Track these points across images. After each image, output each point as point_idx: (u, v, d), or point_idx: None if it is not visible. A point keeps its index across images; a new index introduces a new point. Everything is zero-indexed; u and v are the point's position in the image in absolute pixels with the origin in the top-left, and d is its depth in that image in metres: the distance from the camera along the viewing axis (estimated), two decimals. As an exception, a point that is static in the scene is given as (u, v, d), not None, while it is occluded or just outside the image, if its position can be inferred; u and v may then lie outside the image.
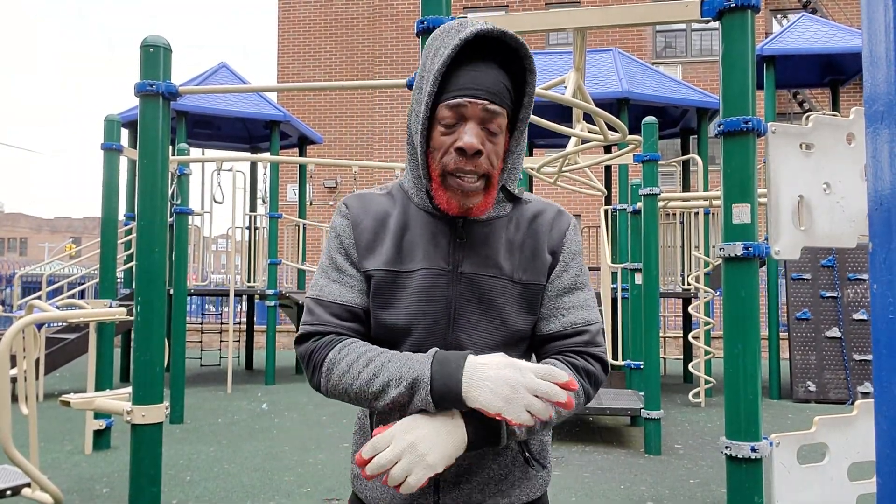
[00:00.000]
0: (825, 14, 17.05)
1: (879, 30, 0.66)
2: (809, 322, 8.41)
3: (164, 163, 3.17)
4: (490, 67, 1.17)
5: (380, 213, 1.27)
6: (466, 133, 1.15)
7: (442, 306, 1.20)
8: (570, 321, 1.24)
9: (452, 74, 1.16)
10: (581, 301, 1.26)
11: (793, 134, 2.45)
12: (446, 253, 1.22)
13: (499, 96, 1.16)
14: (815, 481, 2.35)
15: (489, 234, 1.23)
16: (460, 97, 1.15)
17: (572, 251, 1.28)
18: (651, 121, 5.78)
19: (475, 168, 1.16)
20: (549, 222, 1.27)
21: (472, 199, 1.18)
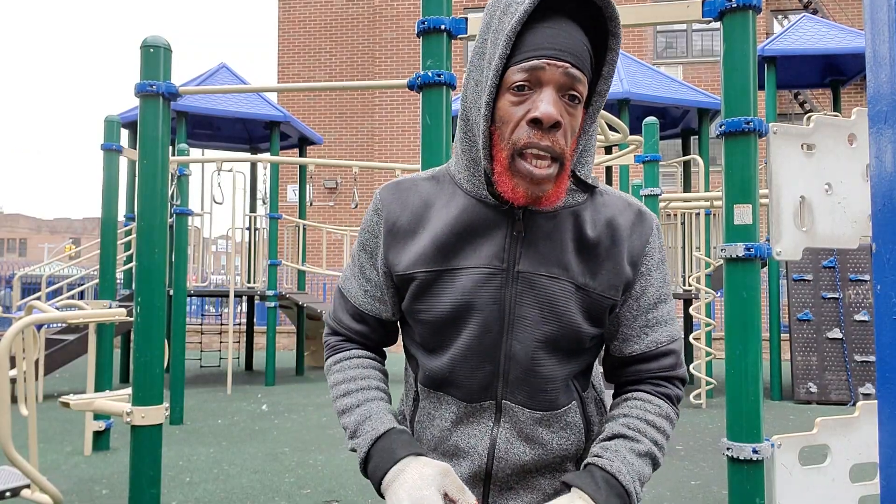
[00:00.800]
0: (826, 14, 17.05)
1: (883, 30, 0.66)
2: (811, 323, 8.40)
3: (164, 163, 3.16)
4: (571, 26, 0.99)
5: (419, 205, 1.12)
6: (543, 100, 0.97)
7: (494, 310, 1.06)
8: (656, 340, 1.12)
9: (524, 35, 0.99)
10: (665, 315, 1.13)
11: (794, 134, 2.44)
12: (500, 249, 1.06)
13: (581, 59, 0.99)
14: (816, 483, 2.34)
15: (555, 229, 1.06)
16: (537, 58, 0.97)
17: (656, 260, 1.12)
18: (652, 121, 5.78)
19: (551, 144, 0.98)
20: (629, 224, 1.10)
21: (543, 186, 1.00)
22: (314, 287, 15.03)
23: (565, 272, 1.06)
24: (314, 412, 7.28)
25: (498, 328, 1.06)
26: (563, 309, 1.06)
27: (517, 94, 0.99)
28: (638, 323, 1.12)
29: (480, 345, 1.07)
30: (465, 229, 1.08)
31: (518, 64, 0.98)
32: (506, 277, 1.06)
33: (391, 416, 1.13)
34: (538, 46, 0.97)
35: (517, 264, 1.06)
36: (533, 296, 1.05)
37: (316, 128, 17.70)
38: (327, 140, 17.56)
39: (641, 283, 1.11)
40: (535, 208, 1.05)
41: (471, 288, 1.06)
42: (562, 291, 1.06)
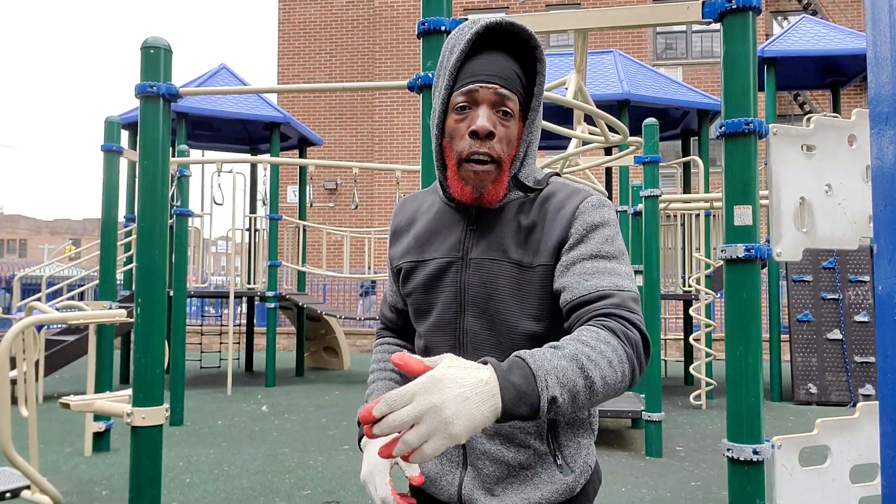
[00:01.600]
0: (826, 16, 17.06)
1: (884, 31, 0.66)
2: (811, 324, 8.40)
3: (164, 164, 3.16)
4: (500, 56, 1.22)
5: (413, 211, 1.39)
6: (479, 116, 1.19)
7: (451, 292, 1.26)
8: (596, 285, 1.13)
9: (465, 66, 1.21)
10: (609, 269, 1.16)
11: (794, 136, 2.44)
12: (458, 241, 1.27)
13: (509, 81, 1.21)
14: (816, 484, 2.34)
15: (499, 220, 1.25)
16: (472, 83, 1.20)
17: (588, 222, 1.19)
18: (652, 122, 5.78)
19: (488, 150, 1.19)
20: (560, 201, 1.23)
21: (484, 183, 1.20)
22: (314, 288, 15.03)
23: (504, 254, 1.22)
24: (314, 413, 7.27)
25: (456, 307, 1.26)
26: (504, 287, 1.22)
27: (460, 112, 1.21)
28: (575, 270, 1.16)
29: (442, 321, 1.27)
30: (436, 227, 1.31)
31: (459, 89, 1.21)
32: (461, 264, 1.26)
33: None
34: (473, 73, 1.20)
35: (470, 252, 1.25)
36: (480, 277, 1.23)
37: (316, 129, 17.70)
38: (327, 141, 17.56)
39: (573, 240, 1.19)
40: (484, 206, 1.24)
41: (436, 274, 1.28)
42: (504, 272, 1.22)
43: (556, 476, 1.21)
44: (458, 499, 1.24)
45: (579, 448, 1.24)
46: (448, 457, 1.27)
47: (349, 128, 18.46)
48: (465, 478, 1.24)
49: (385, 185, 17.58)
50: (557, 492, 1.20)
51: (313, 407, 7.66)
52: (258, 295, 9.68)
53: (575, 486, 1.22)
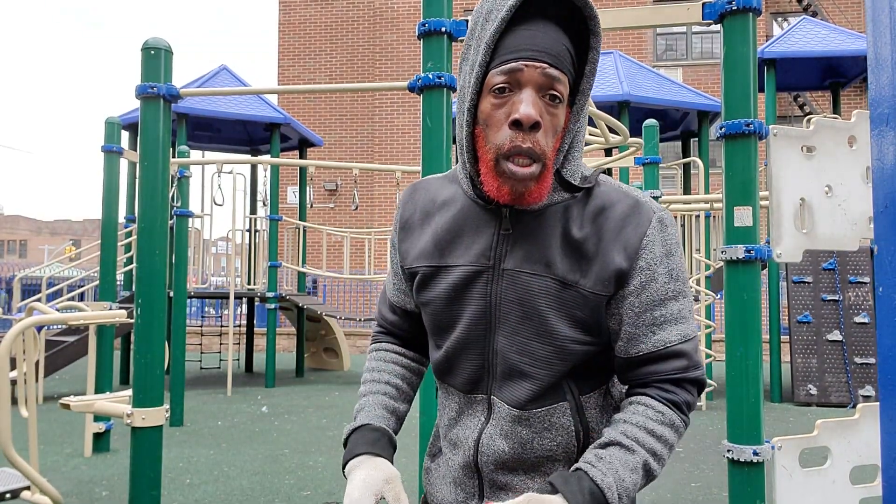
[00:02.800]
0: (825, 17, 17.06)
1: (885, 33, 0.66)
2: (811, 325, 8.40)
3: (164, 165, 3.16)
4: (550, 27, 1.01)
5: (427, 203, 1.19)
6: (523, 102, 0.99)
7: (481, 307, 1.09)
8: (665, 339, 1.05)
9: (505, 38, 1.01)
10: (675, 313, 1.06)
11: (794, 137, 2.45)
12: (488, 247, 1.09)
13: (560, 59, 1.01)
14: (817, 485, 2.34)
15: (540, 226, 1.07)
16: (515, 60, 0.99)
17: (657, 254, 1.05)
18: (652, 123, 5.78)
19: (532, 146, 1.00)
20: (620, 218, 1.06)
21: (526, 183, 1.01)
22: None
23: (548, 269, 1.06)
24: (314, 414, 7.27)
25: (485, 323, 1.09)
26: (544, 307, 1.06)
27: (498, 96, 1.01)
28: (642, 321, 1.06)
29: (469, 338, 1.11)
30: (459, 228, 1.12)
31: (498, 67, 1.01)
32: (492, 274, 1.08)
33: (382, 409, 1.18)
34: (516, 48, 1.00)
35: (503, 262, 1.08)
36: (515, 293, 1.07)
37: (316, 130, 17.70)
38: (327, 142, 17.56)
39: (641, 277, 1.05)
40: (521, 207, 1.06)
41: (461, 284, 1.10)
42: (544, 289, 1.06)
43: None
44: None
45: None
46: (463, 487, 1.15)
47: (349, 129, 18.46)
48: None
49: (385, 186, 17.58)
50: None
51: (313, 408, 7.66)
52: (258, 295, 9.69)
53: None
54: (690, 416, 1.07)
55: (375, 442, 1.12)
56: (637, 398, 1.08)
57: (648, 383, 1.07)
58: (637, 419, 1.04)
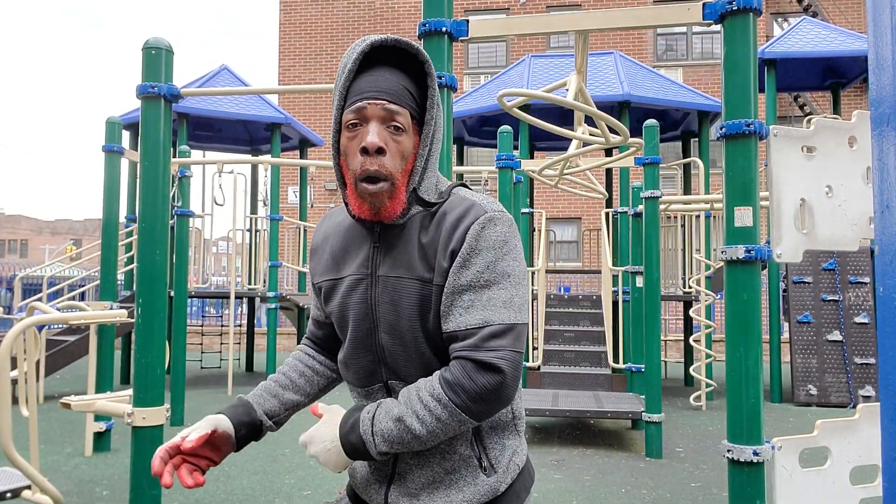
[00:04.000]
0: (826, 17, 17.06)
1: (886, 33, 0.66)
2: (811, 325, 8.41)
3: (165, 165, 3.17)
4: (388, 71, 1.23)
5: (329, 228, 1.40)
6: (369, 133, 1.20)
7: (364, 309, 1.28)
8: (466, 321, 1.18)
9: (354, 84, 1.23)
10: (484, 300, 1.18)
11: (794, 137, 2.45)
12: (366, 258, 1.29)
13: (397, 96, 1.22)
14: (816, 485, 2.35)
15: (402, 236, 1.26)
16: (361, 100, 1.21)
17: (476, 246, 1.19)
18: (652, 124, 5.78)
19: (379, 168, 1.19)
20: (454, 219, 1.22)
21: (380, 200, 1.21)
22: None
23: (409, 271, 1.24)
24: (314, 414, 7.27)
25: (369, 323, 1.28)
26: (409, 304, 1.23)
27: (351, 130, 1.22)
28: (451, 301, 1.20)
29: (358, 338, 1.30)
30: (347, 244, 1.33)
31: (349, 107, 1.22)
32: (370, 281, 1.27)
33: (265, 393, 1.41)
34: (361, 91, 1.22)
35: (378, 270, 1.27)
36: (387, 294, 1.25)
37: (317, 129, 17.70)
38: (328, 142, 17.56)
39: (458, 262, 1.20)
40: (386, 222, 1.25)
41: (348, 292, 1.30)
42: (407, 289, 1.24)
43: (480, 478, 1.25)
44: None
45: (504, 449, 1.29)
46: (377, 467, 1.31)
47: (350, 128, 18.45)
48: (391, 487, 1.29)
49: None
50: (479, 493, 1.24)
51: (313, 407, 7.66)
52: (259, 295, 9.69)
53: (498, 485, 1.26)
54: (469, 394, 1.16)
55: (233, 408, 1.36)
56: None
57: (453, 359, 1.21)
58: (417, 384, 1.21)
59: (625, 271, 7.52)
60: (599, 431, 6.62)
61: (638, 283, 6.75)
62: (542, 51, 17.41)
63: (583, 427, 6.77)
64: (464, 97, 11.50)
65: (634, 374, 6.89)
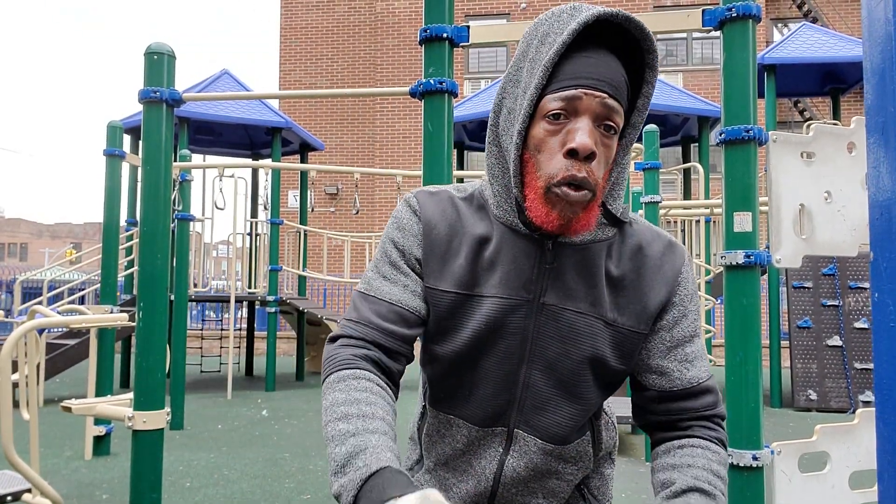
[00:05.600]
0: (826, 23, 17.10)
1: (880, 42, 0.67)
2: (810, 330, 8.40)
3: (166, 169, 3.18)
4: (608, 57, 0.99)
5: (455, 219, 1.09)
6: (580, 131, 0.96)
7: (516, 341, 1.05)
8: (697, 376, 1.08)
9: (563, 63, 0.98)
10: (700, 350, 1.10)
11: (794, 143, 2.46)
12: (528, 279, 1.04)
13: (618, 90, 0.98)
14: (816, 490, 2.35)
15: (583, 262, 1.05)
16: (574, 87, 0.96)
17: (689, 291, 1.09)
18: (652, 129, 5.79)
19: (587, 176, 0.96)
20: (658, 256, 1.08)
21: (575, 210, 0.98)
22: (315, 293, 15.04)
23: (593, 308, 1.04)
24: (314, 417, 7.27)
25: (518, 358, 1.06)
26: (589, 345, 1.04)
27: (553, 122, 0.98)
28: (674, 356, 1.08)
29: (499, 372, 1.06)
30: (494, 256, 1.06)
31: (555, 92, 0.97)
32: (531, 308, 1.04)
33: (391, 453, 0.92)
34: (576, 75, 0.97)
35: (543, 296, 1.04)
36: (556, 329, 1.04)
37: (317, 134, 17.73)
38: (328, 146, 17.58)
39: (674, 313, 1.07)
40: (565, 239, 1.04)
41: (495, 316, 1.04)
42: (588, 328, 1.04)
43: None
44: None
45: (604, 480, 1.22)
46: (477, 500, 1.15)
47: (350, 133, 18.49)
48: None
49: (386, 191, 17.60)
50: None
51: (313, 412, 7.66)
52: (259, 299, 9.69)
53: None
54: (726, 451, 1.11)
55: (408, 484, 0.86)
56: (688, 440, 1.09)
57: (685, 420, 1.09)
58: (703, 462, 1.05)
59: (625, 276, 7.52)
60: (599, 436, 6.60)
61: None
62: (543, 56, 17.42)
63: (583, 432, 6.76)
64: (464, 102, 11.52)
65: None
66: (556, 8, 1.02)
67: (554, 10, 1.01)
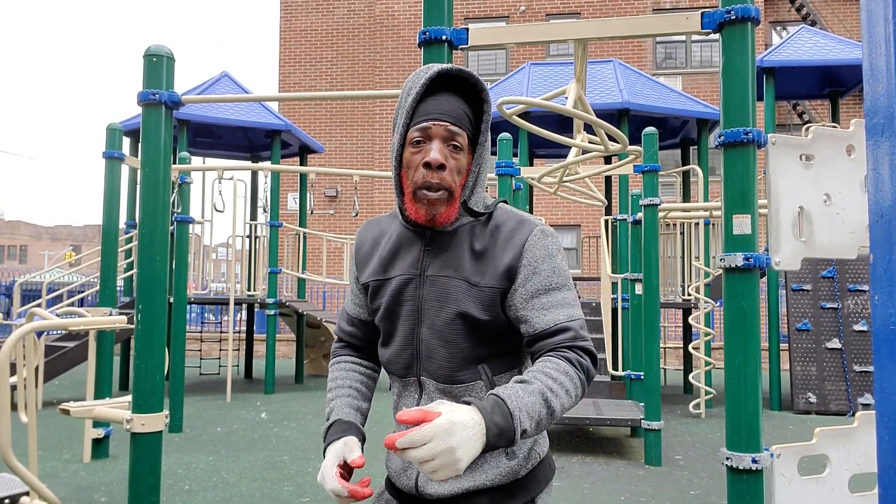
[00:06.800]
0: (825, 26, 17.12)
1: (880, 43, 0.67)
2: (810, 333, 8.40)
3: (166, 171, 3.18)
4: (451, 97, 1.39)
5: (377, 234, 1.52)
6: (432, 149, 1.35)
7: (411, 306, 1.41)
8: (555, 318, 1.34)
9: (420, 106, 1.38)
10: (560, 300, 1.36)
11: (793, 145, 2.46)
12: (416, 259, 1.42)
13: (458, 119, 1.37)
14: (815, 493, 2.34)
15: (452, 241, 1.41)
16: (426, 120, 1.36)
17: (538, 255, 1.37)
18: (651, 131, 5.80)
19: (440, 181, 1.34)
20: (509, 231, 1.39)
21: (437, 207, 1.35)
22: (314, 295, 15.03)
23: (458, 272, 1.38)
24: (313, 420, 7.27)
25: (414, 319, 1.40)
26: (457, 300, 1.36)
27: (415, 146, 1.37)
28: (532, 304, 1.34)
29: (403, 332, 1.42)
30: (396, 248, 1.46)
31: (415, 126, 1.37)
32: (419, 281, 1.41)
33: (349, 408, 1.49)
34: (427, 112, 1.37)
35: (427, 270, 1.40)
36: (435, 292, 1.39)
37: (317, 136, 17.73)
38: (328, 149, 17.59)
39: (525, 272, 1.35)
40: (438, 228, 1.40)
41: (397, 290, 1.42)
42: (456, 287, 1.37)
43: (502, 462, 1.37)
44: (415, 488, 1.41)
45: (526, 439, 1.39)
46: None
47: (350, 135, 18.50)
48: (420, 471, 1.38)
49: (385, 193, 17.60)
50: (501, 474, 1.37)
51: (312, 414, 7.65)
52: (258, 302, 9.69)
53: (519, 469, 1.39)
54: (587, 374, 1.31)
55: (345, 431, 1.42)
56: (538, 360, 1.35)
57: (546, 352, 1.33)
58: (535, 367, 1.29)
59: (624, 279, 7.53)
60: (598, 439, 6.61)
61: (637, 290, 6.75)
62: (542, 59, 17.46)
63: (582, 435, 6.76)
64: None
65: (633, 381, 6.88)
66: (420, 68, 1.42)
67: (418, 69, 1.41)
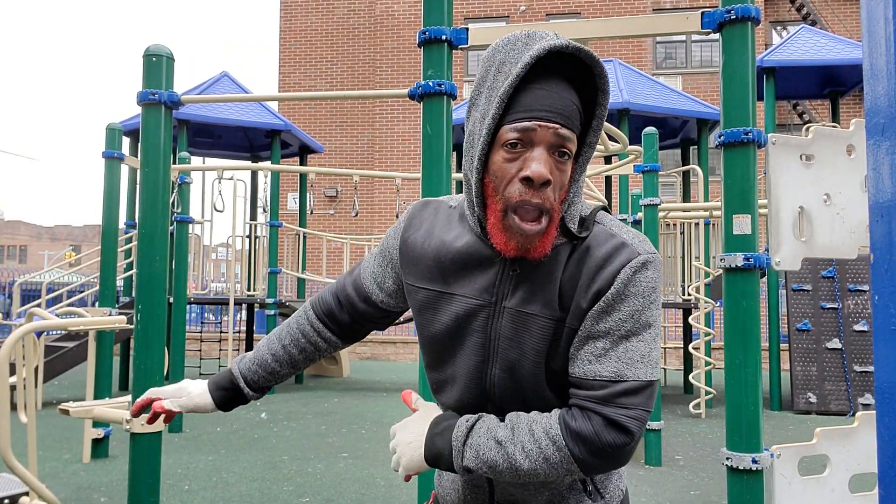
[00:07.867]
0: (825, 26, 17.12)
1: (880, 43, 0.67)
2: (810, 333, 8.40)
3: (165, 171, 3.17)
4: (561, 86, 1.05)
5: (437, 225, 1.21)
6: (535, 160, 1.03)
7: (479, 339, 1.13)
8: (596, 371, 1.06)
9: (518, 94, 1.04)
10: (620, 351, 1.06)
11: (793, 145, 2.46)
12: (491, 283, 1.12)
13: (570, 119, 1.05)
14: (816, 493, 2.34)
15: (542, 269, 1.10)
16: (528, 119, 1.03)
17: (624, 292, 1.06)
18: (651, 131, 5.80)
19: (541, 201, 1.03)
20: (601, 258, 1.08)
21: (533, 240, 1.06)
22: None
23: (546, 310, 1.09)
24: (313, 420, 7.26)
25: (482, 357, 1.13)
26: (535, 343, 1.09)
27: (510, 150, 1.04)
28: (583, 346, 1.08)
29: (468, 368, 1.15)
30: (464, 259, 1.15)
31: (511, 123, 1.04)
32: (493, 311, 1.12)
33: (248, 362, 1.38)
34: (530, 108, 1.03)
35: (505, 300, 1.11)
36: (514, 329, 1.10)
37: (317, 136, 17.73)
38: (328, 149, 17.58)
39: (601, 305, 1.07)
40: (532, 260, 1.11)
41: (463, 316, 1.14)
42: (541, 328, 1.09)
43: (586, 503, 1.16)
44: None
45: (610, 475, 1.19)
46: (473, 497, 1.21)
47: (350, 135, 18.50)
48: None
49: (385, 193, 17.60)
50: None
51: (312, 414, 7.65)
52: (258, 302, 9.69)
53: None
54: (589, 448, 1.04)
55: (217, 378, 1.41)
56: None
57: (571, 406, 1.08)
58: (530, 415, 1.09)
59: (624, 278, 7.51)
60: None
61: (637, 290, 6.74)
62: (542, 58, 17.42)
63: (582, 434, 6.75)
64: (463, 104, 11.53)
65: (634, 381, 6.87)
66: (512, 35, 1.08)
67: (510, 36, 1.08)
